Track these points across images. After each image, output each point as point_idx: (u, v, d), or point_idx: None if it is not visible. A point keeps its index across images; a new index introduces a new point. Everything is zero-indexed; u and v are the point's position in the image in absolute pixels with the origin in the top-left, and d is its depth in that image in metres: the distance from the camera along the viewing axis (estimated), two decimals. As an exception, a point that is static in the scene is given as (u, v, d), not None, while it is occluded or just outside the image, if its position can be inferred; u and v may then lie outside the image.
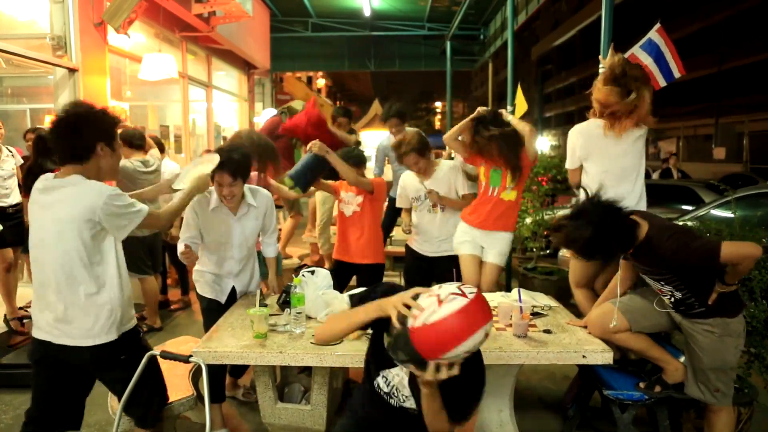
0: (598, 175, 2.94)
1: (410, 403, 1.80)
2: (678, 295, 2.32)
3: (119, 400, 2.14)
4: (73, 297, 2.01)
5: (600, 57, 3.45)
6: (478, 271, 3.42)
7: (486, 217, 3.37)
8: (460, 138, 3.41)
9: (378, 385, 1.84)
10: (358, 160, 3.64)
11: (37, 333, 2.08)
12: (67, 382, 2.13)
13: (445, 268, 3.54)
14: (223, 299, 2.97)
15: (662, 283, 2.34)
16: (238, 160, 2.70)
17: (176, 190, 2.63)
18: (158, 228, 2.42)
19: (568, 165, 3.14)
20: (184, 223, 2.86)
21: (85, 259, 2.01)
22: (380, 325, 1.74)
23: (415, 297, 1.61)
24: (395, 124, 4.99)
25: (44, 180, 2.09)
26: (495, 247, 3.41)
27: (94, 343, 2.03)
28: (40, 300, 2.07)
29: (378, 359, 1.83)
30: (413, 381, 1.72)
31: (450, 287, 1.58)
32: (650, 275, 2.38)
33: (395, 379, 1.81)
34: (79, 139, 2.04)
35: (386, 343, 1.70)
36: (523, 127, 3.30)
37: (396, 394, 1.82)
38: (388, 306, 1.63)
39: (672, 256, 2.18)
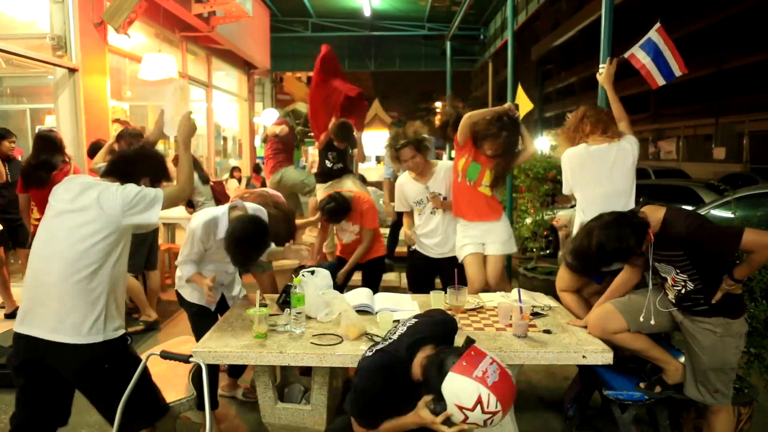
0: (587, 203, 2.92)
1: None
2: (690, 286, 2.30)
3: (100, 411, 2.12)
4: (71, 292, 1.99)
5: (601, 65, 3.43)
6: (482, 270, 3.44)
7: (475, 208, 3.43)
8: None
9: None
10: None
11: (23, 328, 2.03)
12: (50, 388, 2.09)
13: (448, 269, 3.55)
14: (213, 307, 2.92)
15: (678, 271, 2.31)
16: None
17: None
18: (188, 195, 2.43)
19: (564, 191, 3.11)
20: (188, 249, 2.75)
21: (94, 258, 2.01)
22: None
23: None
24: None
25: (78, 178, 2.15)
26: (495, 239, 3.44)
27: (79, 342, 1.99)
28: (35, 295, 2.04)
29: None
30: None
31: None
32: (667, 262, 2.33)
33: None
34: (129, 164, 2.21)
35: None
36: (528, 145, 3.42)
37: None
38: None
39: (693, 233, 2.19)
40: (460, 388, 1.58)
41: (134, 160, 2.24)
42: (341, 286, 3.78)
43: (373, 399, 1.79)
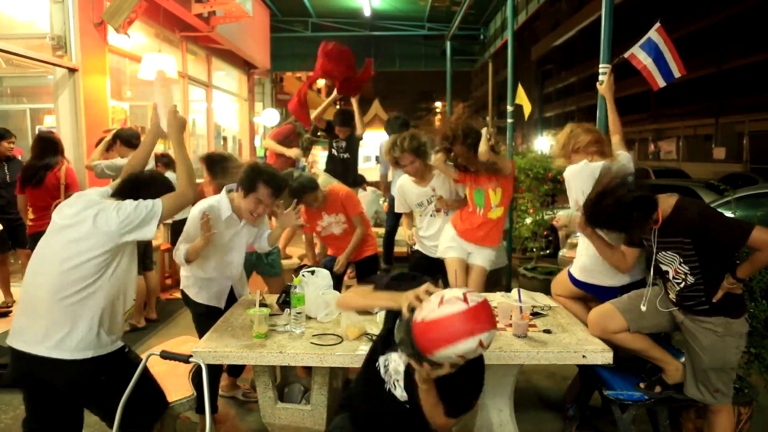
0: None
1: (400, 392, 1.84)
2: (690, 279, 2.29)
3: (103, 420, 2.11)
4: (62, 308, 1.96)
5: (600, 75, 3.42)
6: (463, 275, 3.36)
7: (474, 232, 3.36)
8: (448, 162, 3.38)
9: (378, 365, 1.90)
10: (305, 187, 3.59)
11: (16, 342, 2.01)
12: (53, 399, 2.06)
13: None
14: (222, 304, 2.91)
15: (681, 261, 2.30)
16: (282, 182, 2.79)
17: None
18: (191, 200, 2.37)
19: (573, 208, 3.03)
20: (185, 234, 2.74)
21: (84, 274, 1.96)
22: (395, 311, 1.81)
23: (428, 292, 1.67)
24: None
25: (86, 196, 2.13)
26: (481, 254, 3.38)
27: (70, 358, 1.96)
28: (28, 307, 2.03)
29: (386, 341, 1.89)
30: (409, 372, 1.77)
31: (457, 291, 1.63)
32: (673, 250, 2.32)
33: (392, 365, 1.86)
34: (134, 190, 2.18)
35: (396, 329, 1.77)
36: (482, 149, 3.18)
37: (389, 380, 1.87)
38: (402, 299, 1.70)
39: (704, 220, 2.20)
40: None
41: (141, 183, 2.23)
42: (338, 286, 3.75)
43: None
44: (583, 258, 2.90)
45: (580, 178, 2.86)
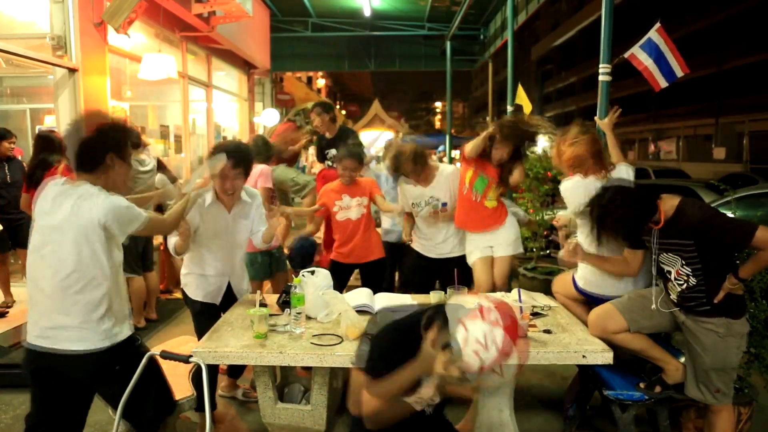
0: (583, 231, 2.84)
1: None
2: (692, 281, 2.30)
3: (115, 410, 2.11)
4: (69, 302, 1.97)
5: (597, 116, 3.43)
6: (490, 273, 3.50)
7: (479, 222, 3.50)
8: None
9: None
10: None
11: (32, 339, 2.03)
12: (66, 393, 2.08)
13: (447, 270, 3.55)
14: (218, 301, 2.91)
15: (683, 262, 2.30)
16: (241, 152, 2.76)
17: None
18: (165, 232, 2.37)
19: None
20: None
21: (86, 266, 1.97)
22: None
23: (446, 345, 1.63)
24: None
25: (54, 186, 2.06)
26: (502, 240, 3.50)
27: (87, 349, 1.99)
28: (36, 305, 2.04)
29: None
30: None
31: (478, 333, 1.60)
32: (675, 252, 2.32)
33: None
34: (89, 149, 2.07)
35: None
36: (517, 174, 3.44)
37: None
38: (435, 366, 1.65)
39: (706, 221, 2.20)
40: (475, 330, 1.59)
41: (94, 143, 2.09)
42: (341, 287, 3.72)
43: (387, 350, 1.80)
44: (583, 267, 2.89)
45: (575, 193, 2.87)
